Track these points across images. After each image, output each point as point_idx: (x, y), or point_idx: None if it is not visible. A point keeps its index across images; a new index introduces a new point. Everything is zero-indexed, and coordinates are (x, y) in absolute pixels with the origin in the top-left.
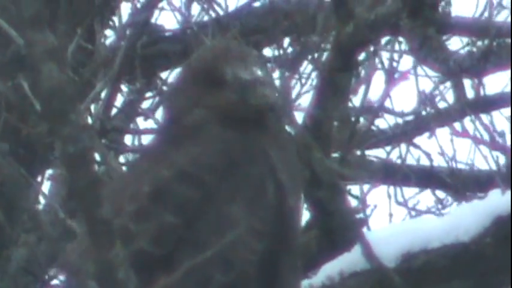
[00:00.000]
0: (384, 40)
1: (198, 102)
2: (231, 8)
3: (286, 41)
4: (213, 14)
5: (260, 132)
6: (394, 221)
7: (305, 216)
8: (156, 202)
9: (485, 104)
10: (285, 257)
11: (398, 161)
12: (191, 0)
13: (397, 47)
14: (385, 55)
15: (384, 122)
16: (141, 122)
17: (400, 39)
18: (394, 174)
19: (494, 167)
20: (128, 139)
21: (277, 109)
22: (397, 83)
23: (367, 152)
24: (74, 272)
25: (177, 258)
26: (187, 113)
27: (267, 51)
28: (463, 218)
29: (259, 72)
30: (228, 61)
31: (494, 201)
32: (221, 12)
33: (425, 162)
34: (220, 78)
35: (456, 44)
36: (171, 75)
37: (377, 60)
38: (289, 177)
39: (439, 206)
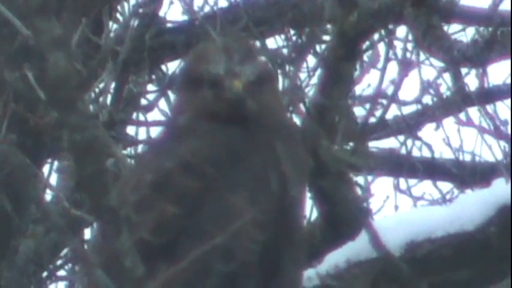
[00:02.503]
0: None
1: (186, 105)
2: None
3: (291, 32)
4: (219, 5)
5: (263, 123)
6: (400, 211)
7: (311, 205)
8: (158, 192)
9: (488, 94)
10: (287, 247)
11: (404, 153)
12: None
13: (410, 37)
14: (398, 45)
15: (390, 113)
16: (146, 114)
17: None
18: (401, 165)
19: (498, 156)
20: (130, 130)
21: (250, 98)
22: (408, 73)
23: (373, 144)
24: (82, 261)
25: (178, 247)
26: (180, 114)
27: (273, 42)
28: (468, 207)
29: (241, 64)
30: (205, 60)
31: (499, 190)
32: (226, 4)
33: (426, 153)
34: (200, 78)
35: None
36: (176, 67)
37: (391, 51)
38: (293, 167)
39: (444, 198)
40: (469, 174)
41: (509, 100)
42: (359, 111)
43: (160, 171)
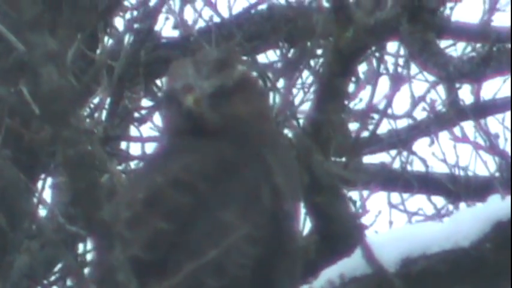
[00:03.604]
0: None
1: (165, 122)
2: (231, 14)
3: (286, 47)
4: (214, 20)
5: (255, 137)
6: (395, 227)
7: (306, 220)
8: (150, 208)
9: (483, 109)
10: (281, 262)
11: (398, 167)
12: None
13: (402, 51)
14: (389, 60)
15: (382, 127)
16: (140, 129)
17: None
18: (394, 180)
19: (494, 172)
20: (124, 146)
21: (203, 109)
22: (400, 87)
23: (367, 158)
24: (75, 276)
25: (170, 263)
26: (164, 132)
27: (265, 57)
28: (463, 223)
29: (203, 77)
30: (173, 76)
31: (494, 206)
32: (221, 19)
33: (420, 168)
34: (170, 95)
35: (458, 50)
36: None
37: (382, 66)
38: (286, 181)
39: (439, 214)
40: (463, 190)
41: (503, 115)
42: (352, 126)
43: (152, 188)
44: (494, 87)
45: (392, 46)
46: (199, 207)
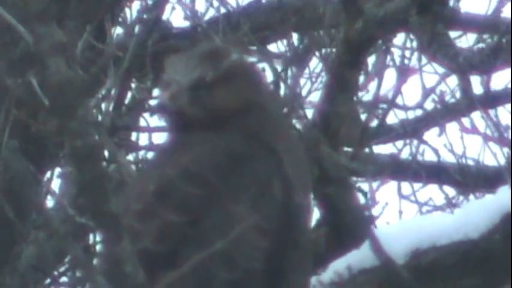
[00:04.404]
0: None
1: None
2: (238, 4)
3: (295, 37)
4: (222, 11)
5: (266, 129)
6: (404, 218)
7: (315, 212)
8: (160, 201)
9: (493, 99)
10: (293, 254)
11: (408, 157)
12: None
13: (408, 44)
14: (396, 52)
15: (392, 118)
16: (150, 120)
17: (412, 36)
18: (404, 170)
19: (503, 164)
20: (135, 136)
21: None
22: (407, 79)
23: (377, 148)
24: (83, 268)
25: (181, 256)
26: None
27: (275, 47)
28: (472, 215)
29: (185, 71)
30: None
31: (504, 198)
32: (230, 9)
33: (433, 158)
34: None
35: (469, 41)
36: None
37: (388, 57)
38: (296, 173)
39: (451, 203)
40: (472, 180)
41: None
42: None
43: (163, 180)
44: (505, 78)
45: (399, 38)
46: (209, 199)
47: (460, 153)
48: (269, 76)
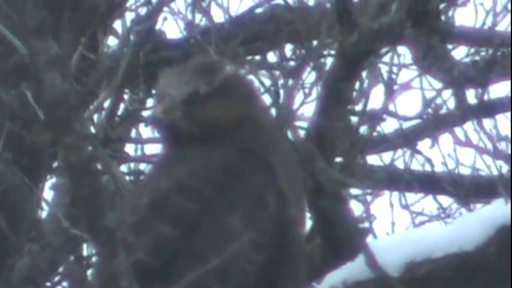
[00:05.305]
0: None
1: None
2: (233, 15)
3: (288, 48)
4: (215, 21)
5: (260, 142)
6: (397, 229)
7: (309, 225)
8: (154, 214)
9: (488, 109)
10: (287, 267)
11: (402, 167)
12: (194, 7)
13: (395, 60)
14: (384, 68)
15: (386, 127)
16: (143, 131)
17: (399, 51)
18: (398, 181)
19: (497, 176)
20: (129, 148)
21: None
22: (399, 93)
23: (370, 158)
24: (77, 281)
25: (175, 269)
26: None
27: (269, 58)
28: (467, 227)
29: (177, 85)
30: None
31: (498, 210)
32: (223, 20)
33: (427, 168)
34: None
35: (461, 53)
36: None
37: (376, 72)
38: (290, 186)
39: (443, 215)
40: (466, 192)
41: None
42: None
43: (157, 193)
44: (500, 91)
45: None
46: (204, 212)
47: (453, 165)
48: (262, 88)
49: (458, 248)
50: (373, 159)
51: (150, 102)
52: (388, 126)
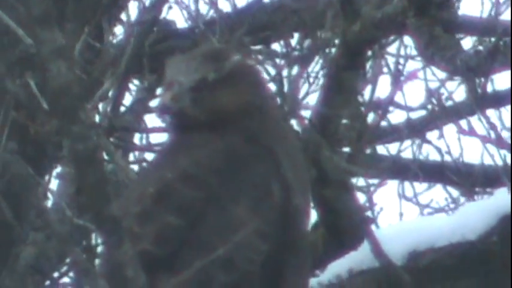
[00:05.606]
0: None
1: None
2: (240, 4)
3: (295, 37)
4: (222, 11)
5: (266, 131)
6: (404, 220)
7: (313, 215)
8: (160, 203)
9: (494, 100)
10: (291, 257)
11: (410, 157)
12: None
13: (402, 51)
14: (390, 59)
15: (392, 118)
16: (150, 120)
17: (406, 42)
18: (404, 171)
19: (500, 165)
20: (136, 138)
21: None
22: (405, 83)
23: (378, 147)
24: (84, 271)
25: (180, 259)
26: None
27: (276, 47)
28: (470, 217)
29: (184, 72)
30: (165, 75)
31: (501, 199)
32: (230, 9)
33: (436, 157)
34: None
35: (468, 43)
36: None
37: (383, 62)
38: (295, 175)
39: (451, 205)
40: (471, 181)
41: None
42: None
43: (162, 183)
44: (504, 81)
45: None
46: (209, 202)
47: (457, 155)
48: (268, 77)
49: (461, 237)
50: (380, 150)
51: (156, 91)
52: (394, 117)
